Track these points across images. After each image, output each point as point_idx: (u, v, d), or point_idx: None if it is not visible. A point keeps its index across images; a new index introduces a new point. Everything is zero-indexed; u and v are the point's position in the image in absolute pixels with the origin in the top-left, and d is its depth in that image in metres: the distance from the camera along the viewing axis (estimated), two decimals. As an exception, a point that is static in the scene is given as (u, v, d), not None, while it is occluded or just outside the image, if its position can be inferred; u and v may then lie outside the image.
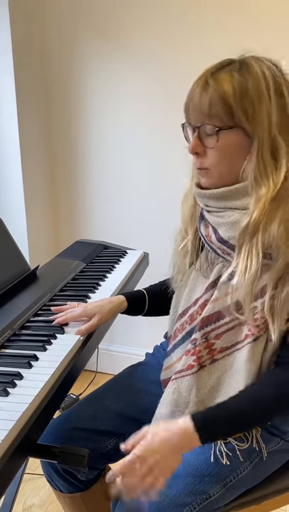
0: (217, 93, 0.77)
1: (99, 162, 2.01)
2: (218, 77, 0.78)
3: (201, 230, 0.91)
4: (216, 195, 0.84)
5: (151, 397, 0.98)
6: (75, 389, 2.04)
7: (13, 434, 0.66)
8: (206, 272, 0.91)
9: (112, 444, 0.99)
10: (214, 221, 0.86)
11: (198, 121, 0.81)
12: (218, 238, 0.85)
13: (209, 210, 0.87)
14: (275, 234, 0.77)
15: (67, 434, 0.98)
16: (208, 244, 0.89)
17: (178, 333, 0.94)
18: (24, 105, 1.85)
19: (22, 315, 1.04)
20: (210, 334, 0.85)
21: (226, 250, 0.84)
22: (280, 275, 0.78)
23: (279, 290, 0.78)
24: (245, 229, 0.79)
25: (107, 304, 1.03)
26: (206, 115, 0.79)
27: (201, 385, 0.85)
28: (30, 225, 1.96)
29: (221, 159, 0.81)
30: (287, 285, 0.78)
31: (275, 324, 0.78)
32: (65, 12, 1.87)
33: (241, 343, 0.83)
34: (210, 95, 0.78)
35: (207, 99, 0.78)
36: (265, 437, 0.88)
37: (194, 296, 0.92)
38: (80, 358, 0.92)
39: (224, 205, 0.84)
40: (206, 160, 0.83)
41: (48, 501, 1.53)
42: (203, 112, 0.79)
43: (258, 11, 1.62)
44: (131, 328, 2.11)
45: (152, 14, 1.75)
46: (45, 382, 0.78)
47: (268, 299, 0.78)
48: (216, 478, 0.82)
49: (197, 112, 0.80)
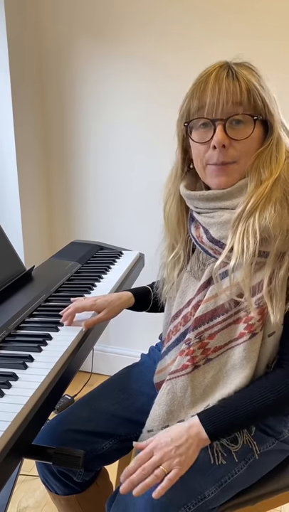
0: (251, 83, 0.79)
1: (94, 163, 2.01)
2: (241, 70, 0.81)
3: (191, 232, 0.91)
4: (212, 196, 0.84)
5: (147, 398, 0.98)
6: (71, 390, 2.04)
7: (8, 435, 0.66)
8: (197, 273, 0.91)
9: (108, 445, 0.99)
10: (205, 222, 0.86)
11: (225, 113, 0.80)
12: (209, 238, 0.85)
13: (199, 211, 0.88)
14: (270, 216, 0.78)
15: (62, 435, 0.98)
16: (199, 246, 0.90)
17: (172, 335, 0.94)
18: (20, 104, 1.84)
19: (17, 316, 1.03)
20: (203, 334, 0.85)
21: (217, 250, 0.85)
22: (276, 262, 0.79)
23: (276, 273, 0.79)
24: (242, 212, 0.80)
25: (116, 299, 1.03)
26: (240, 104, 0.79)
27: (195, 385, 0.85)
28: (26, 225, 1.95)
29: (250, 150, 0.82)
30: (283, 267, 0.78)
31: (274, 305, 0.79)
32: (61, 11, 1.87)
33: (236, 341, 0.83)
34: (244, 84, 0.79)
35: (242, 87, 0.79)
36: (260, 437, 0.88)
37: (187, 298, 0.92)
38: (76, 359, 0.92)
39: (214, 205, 0.85)
40: (233, 153, 0.82)
41: (42, 503, 1.52)
42: (235, 101, 0.79)
43: (257, 12, 1.62)
44: (126, 329, 2.11)
45: (150, 14, 1.75)
46: (40, 383, 0.78)
47: (266, 285, 0.79)
48: (211, 478, 0.82)
49: (226, 102, 0.79)
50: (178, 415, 0.86)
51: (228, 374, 0.84)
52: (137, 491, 0.74)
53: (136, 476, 0.76)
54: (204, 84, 0.81)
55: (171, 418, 0.86)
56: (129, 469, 0.78)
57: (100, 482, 1.08)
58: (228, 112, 0.80)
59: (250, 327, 0.81)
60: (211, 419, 0.80)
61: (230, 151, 0.82)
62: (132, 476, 0.77)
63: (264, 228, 0.78)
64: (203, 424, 0.79)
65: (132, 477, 0.76)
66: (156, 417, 0.87)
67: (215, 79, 0.80)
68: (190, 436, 0.79)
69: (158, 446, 0.78)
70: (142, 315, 1.15)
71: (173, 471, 0.76)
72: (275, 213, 0.77)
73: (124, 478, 0.77)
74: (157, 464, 0.77)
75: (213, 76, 0.80)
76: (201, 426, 0.79)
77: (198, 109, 0.82)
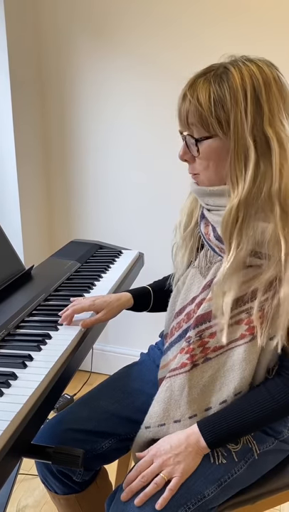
0: (193, 105, 0.80)
1: (94, 162, 2.01)
2: (196, 87, 0.80)
3: (201, 229, 0.92)
4: (219, 192, 0.85)
5: (147, 397, 0.98)
6: (70, 389, 2.04)
7: (7, 435, 0.66)
8: (204, 270, 0.91)
9: (108, 444, 0.99)
10: (214, 219, 0.86)
11: (183, 130, 0.85)
12: (216, 236, 0.86)
13: (209, 208, 0.88)
14: (263, 235, 0.78)
15: (62, 435, 0.98)
16: (207, 243, 0.90)
17: (174, 331, 0.94)
18: (20, 104, 1.84)
19: (17, 315, 1.03)
20: (204, 332, 0.85)
21: (223, 249, 0.85)
22: (270, 279, 0.78)
23: (270, 296, 0.79)
24: (228, 217, 0.79)
25: (115, 300, 1.04)
26: (185, 125, 0.83)
27: (193, 384, 0.85)
28: (25, 224, 1.95)
29: (207, 165, 0.84)
30: (278, 293, 0.78)
31: (262, 329, 0.80)
32: (61, 10, 1.87)
33: (236, 342, 0.83)
34: (186, 107, 0.81)
35: (185, 110, 0.82)
36: (260, 437, 0.88)
37: (191, 295, 0.92)
38: (75, 358, 0.92)
39: (225, 203, 0.84)
40: (195, 166, 0.86)
41: (42, 502, 1.52)
42: (182, 122, 0.83)
43: (257, 11, 1.62)
44: (126, 328, 2.11)
45: (150, 14, 1.75)
46: (39, 382, 0.78)
47: (258, 304, 0.79)
48: (210, 478, 0.82)
49: (180, 121, 0.84)
50: (174, 415, 0.86)
51: (226, 375, 0.84)
52: (138, 501, 0.77)
53: (135, 484, 0.79)
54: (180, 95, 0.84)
55: (167, 416, 0.87)
56: (130, 477, 0.81)
57: (100, 481, 1.08)
58: (185, 129, 0.84)
59: (252, 329, 0.81)
60: (209, 429, 0.81)
61: (193, 165, 0.86)
62: (132, 484, 0.79)
63: (261, 233, 0.78)
64: (202, 434, 0.81)
65: (131, 485, 0.79)
66: (154, 414, 0.88)
67: (182, 95, 0.83)
68: (189, 444, 0.81)
69: (157, 454, 0.81)
70: (142, 314, 1.15)
71: (173, 480, 0.78)
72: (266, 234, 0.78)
73: (125, 486, 0.80)
74: (157, 472, 0.79)
75: (182, 91, 0.83)
76: (201, 435, 0.81)
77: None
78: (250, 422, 0.82)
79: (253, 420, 0.81)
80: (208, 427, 0.81)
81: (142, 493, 0.78)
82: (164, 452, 0.81)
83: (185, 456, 0.80)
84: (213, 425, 0.81)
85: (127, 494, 0.80)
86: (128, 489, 0.80)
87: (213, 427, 0.81)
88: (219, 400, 0.84)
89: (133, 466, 0.85)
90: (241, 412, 0.82)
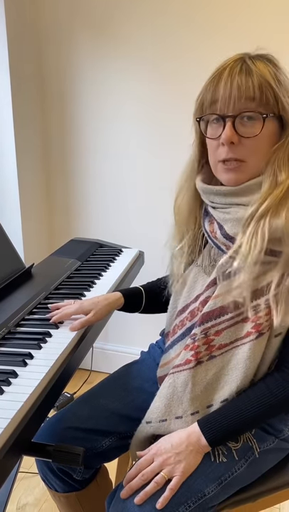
0: (263, 78, 0.77)
1: (94, 160, 2.01)
2: (256, 64, 0.78)
3: (205, 226, 0.90)
4: (229, 192, 0.83)
5: (147, 395, 0.98)
6: (70, 387, 2.04)
7: (7, 433, 0.66)
8: (208, 268, 0.91)
9: (108, 443, 0.99)
10: (220, 217, 0.85)
11: (236, 109, 0.78)
12: (223, 234, 0.84)
13: (215, 206, 0.87)
14: (283, 221, 0.76)
15: (62, 433, 0.98)
16: (212, 241, 0.88)
17: (177, 329, 0.94)
18: (20, 100, 1.84)
19: (17, 313, 1.03)
20: (210, 330, 0.85)
21: (230, 246, 0.83)
22: (286, 268, 0.78)
23: (285, 278, 0.78)
24: (255, 212, 0.78)
25: (103, 300, 1.03)
26: (251, 101, 0.78)
27: (196, 381, 0.85)
28: (25, 223, 1.95)
29: (260, 149, 0.80)
30: None
31: (278, 308, 0.78)
32: (61, 7, 1.86)
33: (241, 340, 0.83)
34: (257, 80, 0.77)
35: (255, 83, 0.77)
36: (260, 436, 0.88)
37: (195, 293, 0.91)
38: (75, 357, 0.92)
39: (231, 201, 0.84)
40: (242, 150, 0.80)
41: (42, 500, 1.52)
42: (248, 97, 0.77)
43: (260, 12, 1.62)
44: (126, 326, 2.11)
45: (151, 13, 1.75)
46: (39, 380, 0.78)
47: (273, 289, 0.78)
48: (211, 476, 0.82)
49: (238, 98, 0.77)
50: (176, 411, 0.86)
51: (230, 373, 0.84)
52: (138, 500, 0.77)
53: (135, 482, 0.79)
54: (218, 78, 0.79)
55: (169, 412, 0.86)
56: (130, 475, 0.81)
57: (100, 480, 1.08)
58: (239, 108, 0.78)
59: (258, 327, 0.81)
60: (210, 427, 0.81)
61: (239, 149, 0.80)
62: (132, 482, 0.79)
63: (275, 230, 0.77)
64: (203, 432, 0.81)
65: (131, 483, 0.79)
66: (156, 409, 0.88)
67: (228, 73, 0.78)
68: (190, 443, 0.80)
69: (158, 453, 0.81)
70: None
71: (174, 480, 0.78)
72: (286, 219, 0.77)
73: (125, 484, 0.80)
74: (157, 470, 0.79)
75: (227, 71, 0.79)
76: (201, 434, 0.81)
77: (211, 104, 0.81)
78: (250, 418, 0.82)
79: (252, 416, 0.81)
80: (209, 426, 0.81)
81: (142, 492, 0.77)
82: (164, 451, 0.80)
83: (186, 455, 0.80)
84: (214, 423, 0.81)
85: (126, 492, 0.79)
86: (128, 487, 0.80)
87: (213, 425, 0.81)
88: (221, 398, 0.84)
89: (133, 464, 0.85)
90: (241, 409, 0.81)
